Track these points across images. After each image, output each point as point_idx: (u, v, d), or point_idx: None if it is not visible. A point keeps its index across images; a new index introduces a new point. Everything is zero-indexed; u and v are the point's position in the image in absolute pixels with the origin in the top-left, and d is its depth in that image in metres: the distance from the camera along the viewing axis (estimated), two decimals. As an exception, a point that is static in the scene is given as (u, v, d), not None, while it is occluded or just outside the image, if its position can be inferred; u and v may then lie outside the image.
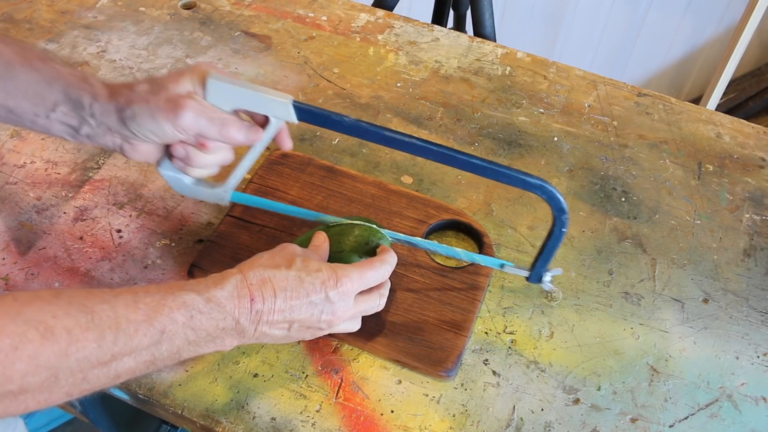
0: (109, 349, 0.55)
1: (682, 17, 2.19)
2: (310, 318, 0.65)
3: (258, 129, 0.69)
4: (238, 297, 0.62)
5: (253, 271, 0.64)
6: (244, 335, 0.63)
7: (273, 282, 0.63)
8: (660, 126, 0.99)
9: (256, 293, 0.62)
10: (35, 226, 0.84)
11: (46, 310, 0.54)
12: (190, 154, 0.69)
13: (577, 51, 2.17)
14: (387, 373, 0.74)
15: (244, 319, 0.62)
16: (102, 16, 1.09)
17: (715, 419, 0.73)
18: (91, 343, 0.55)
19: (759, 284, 0.83)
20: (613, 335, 0.78)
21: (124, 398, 0.75)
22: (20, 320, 0.52)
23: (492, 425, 0.71)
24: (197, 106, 0.65)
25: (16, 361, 0.51)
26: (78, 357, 0.54)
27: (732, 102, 2.47)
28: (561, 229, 0.68)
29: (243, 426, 0.70)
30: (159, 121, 0.65)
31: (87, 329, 0.54)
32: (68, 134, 0.69)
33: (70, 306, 0.55)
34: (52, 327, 0.53)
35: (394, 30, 1.10)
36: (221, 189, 0.73)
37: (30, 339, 0.52)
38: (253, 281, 0.63)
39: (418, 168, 0.92)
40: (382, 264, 0.69)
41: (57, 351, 0.53)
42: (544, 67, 1.06)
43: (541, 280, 0.74)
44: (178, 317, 0.59)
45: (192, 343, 0.60)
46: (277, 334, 0.65)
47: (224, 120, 0.66)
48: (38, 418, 1.55)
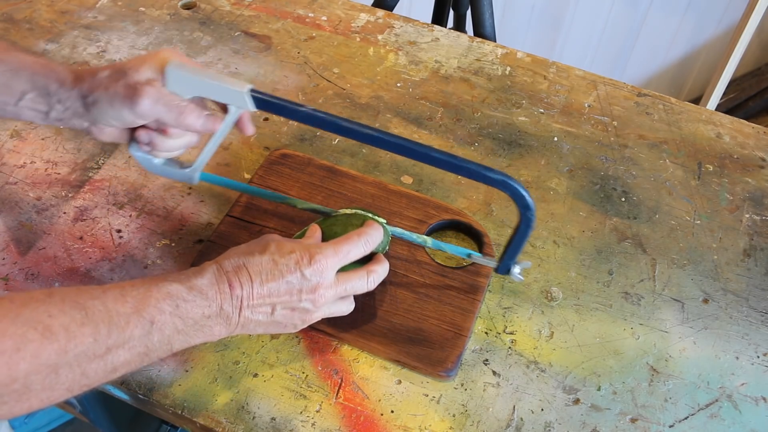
0: (104, 342, 0.57)
1: (682, 17, 2.19)
2: (290, 299, 0.66)
3: (215, 118, 0.71)
4: (218, 284, 0.64)
5: (227, 260, 0.66)
6: (230, 322, 0.65)
7: (248, 267, 0.65)
8: (660, 126, 0.99)
9: (234, 279, 0.64)
10: (35, 226, 0.84)
11: (42, 309, 0.55)
12: (153, 139, 0.71)
13: (577, 51, 2.17)
14: (387, 373, 0.74)
15: (227, 305, 0.64)
16: (102, 16, 1.09)
17: (715, 419, 0.73)
18: (87, 338, 0.56)
19: (759, 284, 0.83)
20: (613, 335, 0.78)
21: (124, 398, 0.75)
22: (19, 321, 0.53)
23: (492, 425, 0.71)
24: (155, 93, 0.67)
25: (19, 362, 0.52)
26: (76, 353, 0.55)
27: (732, 102, 2.47)
28: (527, 226, 0.68)
29: (243, 426, 0.70)
30: (117, 108, 0.67)
31: (82, 325, 0.56)
32: (38, 118, 0.71)
33: (64, 303, 0.56)
34: (50, 326, 0.54)
35: (394, 30, 1.10)
36: (189, 170, 0.75)
37: (31, 339, 0.53)
38: (229, 268, 0.65)
39: (418, 168, 0.92)
40: (360, 236, 0.70)
41: (57, 348, 0.54)
42: (544, 67, 1.06)
43: (510, 272, 0.74)
44: (164, 307, 0.61)
45: (181, 332, 0.62)
46: (262, 319, 0.66)
47: (181, 108, 0.68)
48: (38, 418, 1.55)
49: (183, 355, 0.74)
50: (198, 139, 0.74)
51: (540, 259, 0.84)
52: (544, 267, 0.83)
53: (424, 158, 0.66)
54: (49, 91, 0.69)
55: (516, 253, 0.73)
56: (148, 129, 0.71)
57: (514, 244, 0.72)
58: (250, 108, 0.69)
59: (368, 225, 0.72)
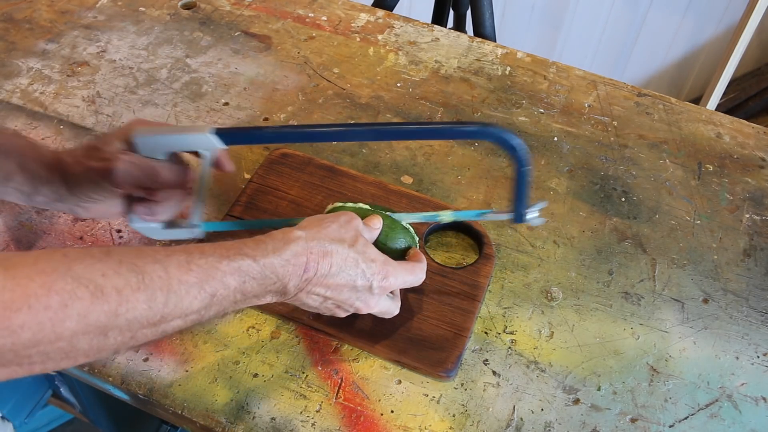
0: (159, 310, 0.55)
1: (682, 17, 2.19)
2: (347, 300, 0.67)
3: (188, 168, 0.73)
4: (294, 264, 0.63)
5: (318, 240, 0.65)
6: (285, 295, 0.65)
7: (333, 257, 0.65)
8: (660, 126, 0.99)
9: (313, 263, 0.63)
10: (35, 226, 0.84)
11: (96, 268, 0.53)
12: (150, 208, 0.72)
13: (577, 51, 2.17)
14: (387, 373, 0.74)
15: (292, 284, 0.63)
16: (102, 16, 1.09)
17: (715, 419, 0.73)
18: (141, 304, 0.54)
19: (759, 284, 0.83)
20: (613, 335, 0.78)
21: (124, 398, 0.75)
22: (69, 277, 0.52)
23: (492, 425, 0.71)
24: (127, 160, 0.68)
25: (65, 319, 0.51)
26: (128, 317, 0.54)
27: (732, 102, 2.47)
28: (520, 166, 0.67)
29: (243, 426, 0.70)
30: (96, 182, 0.69)
31: (137, 290, 0.54)
32: (22, 199, 0.72)
33: (121, 265, 0.54)
34: (102, 286, 0.53)
35: (394, 30, 1.10)
36: (190, 224, 0.76)
37: (80, 297, 0.51)
38: (315, 250, 0.64)
39: (418, 168, 0.92)
40: (422, 271, 0.72)
41: (107, 310, 0.53)
42: (544, 67, 1.06)
43: (524, 218, 0.73)
44: (230, 282, 0.59)
45: (237, 303, 0.61)
46: (309, 302, 0.67)
47: (153, 167, 0.69)
48: (38, 418, 1.55)
49: (183, 355, 0.74)
50: (186, 194, 0.75)
51: (540, 259, 0.84)
52: (544, 267, 0.83)
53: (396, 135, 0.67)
54: (37, 174, 0.70)
55: (523, 198, 0.71)
56: (144, 202, 0.72)
57: (518, 191, 0.70)
58: (218, 146, 0.70)
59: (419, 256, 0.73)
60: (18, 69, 1.01)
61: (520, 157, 0.67)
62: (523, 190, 0.71)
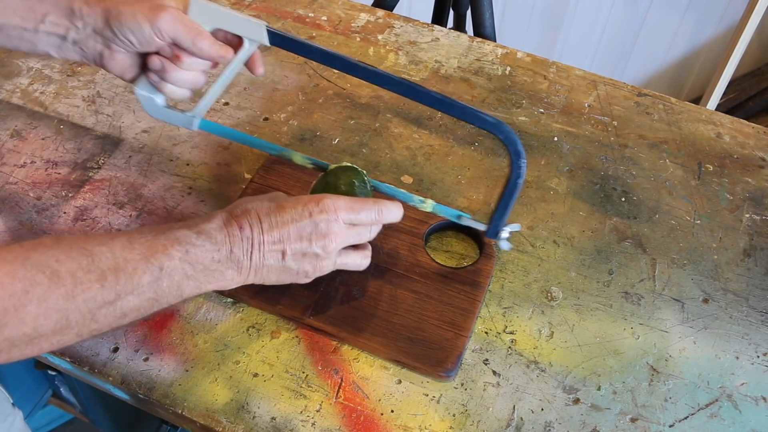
0: (111, 288, 0.58)
1: (682, 17, 2.19)
2: (300, 241, 0.67)
3: (229, 48, 0.72)
4: (226, 227, 0.65)
5: (235, 206, 0.67)
6: (241, 267, 0.66)
7: (256, 210, 0.66)
8: (660, 126, 0.99)
9: (243, 222, 0.65)
10: (35, 226, 0.84)
11: (50, 254, 0.56)
12: (165, 65, 0.72)
13: (577, 51, 2.17)
14: (387, 373, 0.74)
15: (237, 249, 0.65)
16: (102, 16, 1.09)
17: (715, 419, 0.73)
18: (94, 284, 0.57)
19: (759, 284, 0.83)
20: (613, 335, 0.78)
21: (124, 398, 0.75)
22: (28, 264, 0.54)
23: (492, 425, 0.71)
24: (177, 13, 0.69)
25: (27, 304, 0.53)
26: (84, 298, 0.57)
27: (732, 102, 2.47)
28: (517, 177, 0.68)
29: (243, 426, 0.70)
30: (139, 21, 0.68)
31: (89, 271, 0.57)
32: (54, 46, 0.72)
33: (71, 250, 0.57)
34: (57, 270, 0.55)
35: (394, 30, 1.10)
36: (191, 114, 0.76)
37: (39, 282, 0.54)
38: (237, 212, 0.66)
39: (418, 168, 0.92)
40: (376, 203, 0.70)
41: (64, 293, 0.55)
42: (544, 67, 1.06)
43: (498, 235, 0.74)
44: (173, 253, 0.62)
45: (191, 277, 0.63)
46: (273, 264, 0.67)
47: (199, 31, 0.70)
48: (38, 418, 1.55)
49: (183, 355, 0.74)
50: (204, 80, 0.75)
51: (540, 258, 0.84)
52: (544, 267, 0.83)
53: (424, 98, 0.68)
54: (73, 10, 0.70)
55: (505, 212, 0.71)
56: (162, 56, 0.72)
57: (504, 199, 0.70)
58: (265, 42, 0.72)
59: (389, 201, 0.71)
60: (18, 69, 1.01)
61: (519, 166, 0.67)
62: (508, 203, 0.71)
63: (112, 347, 0.75)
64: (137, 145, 0.92)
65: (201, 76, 0.74)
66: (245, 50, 0.73)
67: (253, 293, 0.77)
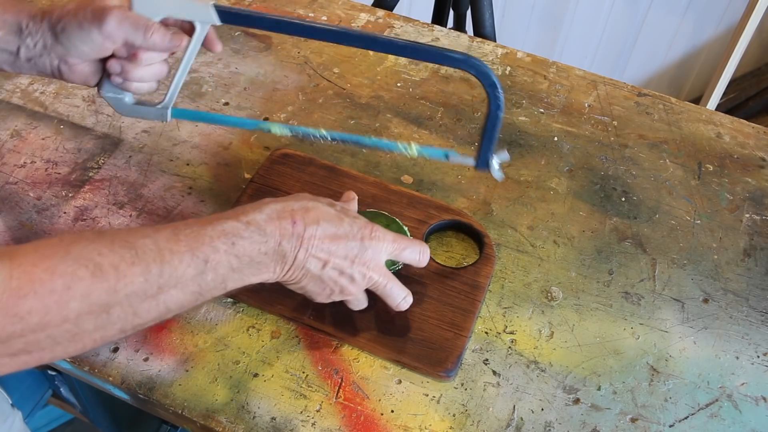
0: (155, 282, 0.56)
1: (682, 17, 2.19)
2: (344, 259, 0.66)
3: (182, 35, 0.71)
4: (279, 219, 0.63)
5: (294, 200, 0.65)
6: (286, 261, 0.64)
7: (316, 211, 0.65)
8: (660, 126, 0.99)
9: (298, 217, 0.64)
10: (35, 226, 0.84)
11: (92, 248, 0.54)
12: (124, 67, 0.71)
13: (577, 51, 2.17)
14: (387, 373, 0.74)
15: (285, 242, 0.63)
16: (102, 16, 1.09)
17: (715, 419, 0.73)
18: (138, 277, 0.55)
19: (759, 284, 0.83)
20: (613, 335, 0.78)
21: (124, 398, 0.75)
22: (69, 259, 0.53)
23: (492, 425, 0.71)
24: (121, 12, 0.68)
25: (70, 301, 0.52)
26: (127, 292, 0.55)
27: (732, 102, 2.47)
28: (496, 108, 0.67)
29: (243, 426, 0.70)
30: (86, 30, 0.67)
31: (132, 264, 0.55)
32: (7, 63, 0.71)
33: (114, 243, 0.55)
34: (100, 264, 0.54)
35: (394, 30, 1.10)
36: (161, 106, 0.75)
37: (81, 277, 0.52)
38: (296, 207, 0.64)
39: (418, 168, 0.92)
40: (420, 245, 0.72)
41: (107, 288, 0.54)
42: (544, 67, 1.06)
43: (489, 165, 0.73)
44: (219, 246, 0.60)
45: (236, 270, 0.61)
46: (312, 269, 0.66)
47: (148, 25, 0.68)
48: (38, 418, 1.55)
49: (183, 355, 0.74)
50: (167, 70, 0.74)
51: (540, 258, 0.84)
52: (544, 267, 0.83)
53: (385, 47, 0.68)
54: (21, 26, 0.69)
55: (491, 142, 0.70)
56: (119, 59, 0.71)
57: (487, 132, 0.69)
58: (216, 21, 0.70)
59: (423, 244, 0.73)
60: (18, 69, 1.01)
61: (497, 96, 0.66)
62: (492, 135, 0.69)
63: (112, 347, 0.75)
64: (137, 145, 0.92)
65: (163, 66, 0.74)
66: (198, 32, 0.72)
67: (253, 293, 0.77)
